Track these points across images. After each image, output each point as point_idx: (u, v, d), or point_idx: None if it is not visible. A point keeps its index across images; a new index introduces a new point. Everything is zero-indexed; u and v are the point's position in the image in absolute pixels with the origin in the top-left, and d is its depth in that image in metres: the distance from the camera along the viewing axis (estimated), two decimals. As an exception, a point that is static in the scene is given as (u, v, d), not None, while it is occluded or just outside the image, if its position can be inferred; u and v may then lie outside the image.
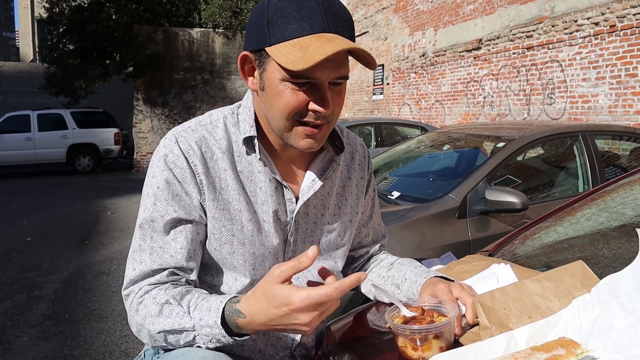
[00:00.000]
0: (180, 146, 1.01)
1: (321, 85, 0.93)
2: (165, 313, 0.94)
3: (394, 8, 12.10)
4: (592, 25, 6.79)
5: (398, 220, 2.95)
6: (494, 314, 0.94)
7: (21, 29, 31.56)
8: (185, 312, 0.93)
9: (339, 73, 0.93)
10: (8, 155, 12.87)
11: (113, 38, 13.48)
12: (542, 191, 3.88)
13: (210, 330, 0.90)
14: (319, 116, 0.95)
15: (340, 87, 0.97)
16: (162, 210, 1.00)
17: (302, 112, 0.95)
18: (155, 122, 14.60)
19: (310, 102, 0.94)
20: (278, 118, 0.97)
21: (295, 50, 0.88)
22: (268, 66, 0.94)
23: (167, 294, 0.96)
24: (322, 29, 0.90)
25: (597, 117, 6.79)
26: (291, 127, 0.97)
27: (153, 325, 0.95)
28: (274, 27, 0.91)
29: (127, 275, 1.02)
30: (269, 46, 0.92)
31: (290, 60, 0.88)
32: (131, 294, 1.01)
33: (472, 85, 9.43)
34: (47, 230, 6.70)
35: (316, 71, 0.90)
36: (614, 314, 0.84)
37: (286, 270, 0.85)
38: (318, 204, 1.12)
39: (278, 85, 0.93)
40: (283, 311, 0.83)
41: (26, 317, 3.76)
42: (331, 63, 0.90)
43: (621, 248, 1.53)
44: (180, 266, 1.00)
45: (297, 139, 0.98)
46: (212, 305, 0.92)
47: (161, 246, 1.00)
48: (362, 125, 8.35)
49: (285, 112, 0.95)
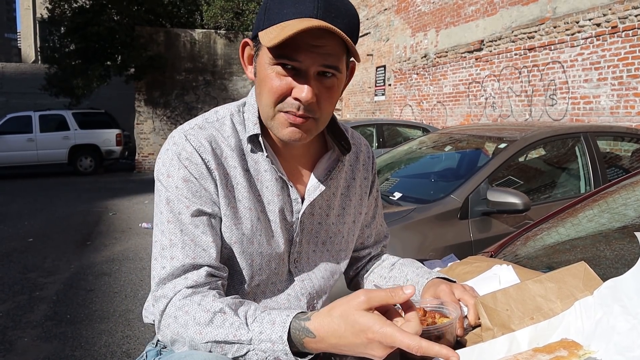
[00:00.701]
0: (192, 143, 0.99)
1: (305, 71, 0.92)
2: (216, 322, 0.87)
3: (396, 9, 12.10)
4: (593, 26, 6.78)
5: (400, 221, 2.95)
6: (496, 315, 0.93)
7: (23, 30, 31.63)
8: (243, 323, 0.86)
9: (326, 61, 0.91)
10: (10, 156, 12.90)
11: (115, 39, 13.51)
12: (544, 192, 3.87)
13: (271, 345, 0.83)
14: (299, 106, 0.93)
15: (330, 81, 0.95)
16: (187, 205, 0.97)
17: (285, 99, 0.94)
18: (156, 123, 14.62)
19: (293, 89, 0.93)
20: (264, 103, 0.96)
21: (277, 30, 0.88)
22: (260, 51, 0.95)
23: (222, 302, 0.89)
24: (308, 13, 0.89)
25: (599, 118, 6.78)
26: (274, 114, 0.96)
27: (200, 334, 0.87)
28: (269, 12, 0.92)
29: (156, 275, 0.96)
30: (261, 30, 0.93)
31: (267, 38, 0.89)
32: (163, 298, 0.94)
33: (473, 86, 9.43)
34: (49, 231, 6.71)
35: (299, 54, 0.90)
36: (616, 317, 0.84)
37: (375, 299, 0.79)
38: (323, 204, 1.12)
39: (266, 69, 0.93)
40: (361, 339, 0.78)
41: (28, 318, 3.76)
42: (317, 49, 0.90)
43: (623, 249, 1.53)
44: (213, 264, 0.96)
45: (280, 127, 0.96)
46: (276, 318, 0.85)
47: (192, 239, 0.96)
48: (364, 126, 8.35)
49: (270, 97, 0.94)
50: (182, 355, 0.88)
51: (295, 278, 1.09)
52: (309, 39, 0.88)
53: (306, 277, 1.10)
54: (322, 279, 1.13)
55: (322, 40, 0.89)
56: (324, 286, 1.14)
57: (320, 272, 1.13)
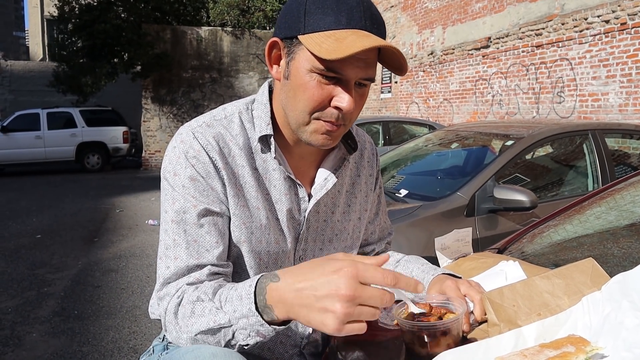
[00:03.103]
0: (199, 141, 0.98)
1: (348, 82, 0.91)
2: (197, 312, 0.88)
3: (402, 6, 12.06)
4: (602, 23, 6.73)
5: (406, 218, 2.95)
6: (502, 311, 0.93)
7: (31, 28, 31.81)
8: (218, 308, 0.86)
9: (367, 73, 0.92)
10: (18, 153, 12.99)
11: (122, 37, 13.55)
12: (551, 190, 3.85)
13: (246, 320, 0.83)
14: (339, 115, 0.93)
15: (364, 90, 0.96)
16: (193, 204, 0.96)
17: (324, 108, 0.93)
18: (163, 121, 14.67)
19: (333, 98, 0.92)
20: (299, 110, 0.95)
21: (330, 40, 0.87)
22: (297, 55, 0.92)
23: (199, 290, 0.90)
24: (359, 25, 0.89)
25: (607, 115, 6.74)
26: (309, 121, 0.95)
27: (188, 327, 0.89)
28: (311, 16, 0.90)
29: (160, 275, 0.96)
30: (302, 34, 0.90)
31: (325, 50, 0.86)
32: (166, 297, 0.94)
33: (480, 83, 9.38)
34: (57, 228, 6.76)
35: (346, 67, 0.89)
36: (624, 312, 0.84)
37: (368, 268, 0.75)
38: (329, 202, 1.12)
39: (305, 76, 0.91)
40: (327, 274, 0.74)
41: (36, 314, 3.79)
42: (361, 62, 0.90)
43: (631, 247, 1.52)
44: (217, 263, 0.96)
45: (314, 135, 0.96)
46: (242, 292, 0.84)
47: (196, 240, 0.96)
48: (370, 123, 8.34)
49: (308, 104, 0.93)
50: (190, 349, 0.88)
51: None
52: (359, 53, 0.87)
53: None
54: None
55: (368, 52, 0.88)
56: None
57: None
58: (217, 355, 0.84)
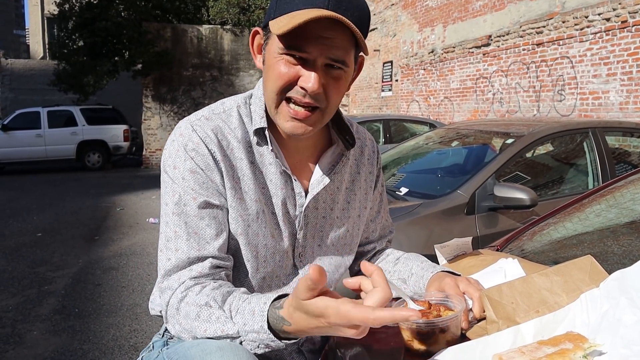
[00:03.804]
0: (198, 134, 0.99)
1: (313, 61, 0.92)
2: (203, 317, 0.89)
3: (403, 4, 12.05)
4: (603, 21, 6.72)
5: (406, 216, 2.95)
6: (501, 308, 0.93)
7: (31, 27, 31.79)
8: (228, 318, 0.87)
9: (333, 53, 0.91)
10: (19, 151, 13.01)
11: (122, 35, 13.55)
12: (552, 188, 3.85)
13: (257, 335, 0.85)
14: (305, 94, 0.93)
15: (338, 73, 0.95)
16: (193, 197, 0.97)
17: (291, 87, 0.94)
18: (164, 119, 14.67)
19: (299, 78, 0.93)
20: (269, 89, 0.96)
21: (287, 19, 0.89)
22: (270, 40, 0.96)
23: (208, 295, 0.91)
24: (319, 4, 0.89)
25: (608, 113, 6.73)
26: (279, 102, 0.96)
27: (192, 329, 0.90)
28: (281, 2, 0.93)
29: (162, 267, 0.97)
30: (272, 19, 0.93)
31: (277, 26, 0.89)
32: (168, 290, 0.95)
33: (481, 81, 9.37)
34: (57, 226, 6.76)
35: (308, 45, 0.90)
36: (622, 309, 0.84)
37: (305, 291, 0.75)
38: (327, 198, 1.12)
39: (273, 58, 0.94)
40: (323, 323, 0.76)
41: (37, 312, 3.80)
42: (325, 40, 0.90)
43: (631, 245, 1.52)
44: (218, 255, 0.97)
45: (282, 120, 0.97)
46: (255, 307, 0.86)
47: (196, 232, 0.96)
48: (371, 121, 8.33)
49: (275, 83, 0.94)
50: (195, 342, 0.89)
51: (300, 271, 1.10)
52: (318, 30, 0.88)
53: None
54: (328, 273, 1.12)
55: (332, 32, 0.89)
56: (329, 280, 1.14)
57: (325, 266, 1.13)
58: (224, 349, 0.85)
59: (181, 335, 0.94)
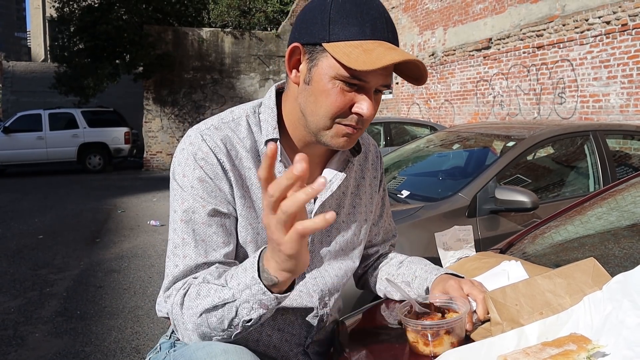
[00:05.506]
0: (207, 144, 1.00)
1: (369, 89, 0.95)
2: (202, 293, 0.90)
3: (403, 7, 12.08)
4: (603, 24, 6.73)
5: (407, 219, 2.95)
6: (505, 310, 0.94)
7: (33, 29, 31.86)
8: (224, 285, 0.89)
9: (386, 81, 0.96)
10: (20, 154, 13.02)
11: (123, 38, 13.57)
12: (553, 191, 3.86)
13: (249, 291, 0.85)
14: (359, 119, 0.96)
15: (379, 96, 1.00)
16: (202, 205, 0.98)
17: (345, 114, 0.96)
18: (165, 122, 14.69)
19: (354, 104, 0.95)
20: (320, 115, 0.97)
21: (358, 51, 0.90)
22: (320, 62, 0.94)
23: (204, 273, 0.95)
24: (383, 37, 0.92)
25: (609, 116, 6.74)
26: (331, 126, 0.97)
27: (192, 309, 0.91)
28: (335, 25, 0.92)
29: (169, 273, 0.98)
30: (327, 42, 0.92)
31: (354, 60, 0.89)
32: (172, 293, 0.96)
33: (481, 84, 9.39)
34: (59, 228, 6.77)
35: (370, 76, 0.92)
36: (625, 312, 0.85)
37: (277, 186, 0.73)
38: (334, 203, 1.13)
39: (327, 83, 0.94)
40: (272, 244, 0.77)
41: (38, 314, 3.81)
42: (384, 71, 0.93)
43: (632, 247, 1.53)
44: (224, 261, 0.98)
45: (334, 138, 0.99)
46: (246, 264, 0.88)
47: (204, 239, 0.98)
48: (371, 124, 8.32)
49: (330, 110, 0.95)
50: (201, 345, 0.90)
51: (307, 275, 1.11)
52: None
53: (318, 275, 1.11)
54: (334, 277, 1.14)
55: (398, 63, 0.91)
56: (337, 284, 1.15)
57: (333, 270, 1.14)
58: (229, 352, 0.86)
59: (187, 338, 0.94)
